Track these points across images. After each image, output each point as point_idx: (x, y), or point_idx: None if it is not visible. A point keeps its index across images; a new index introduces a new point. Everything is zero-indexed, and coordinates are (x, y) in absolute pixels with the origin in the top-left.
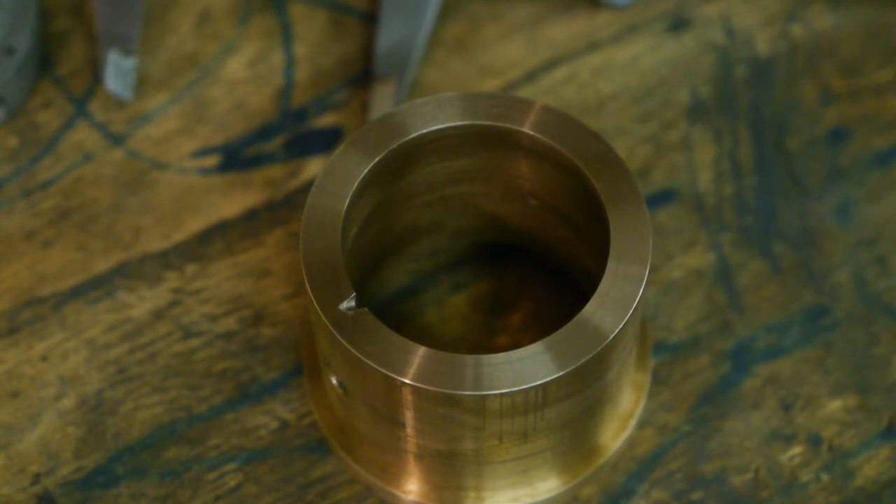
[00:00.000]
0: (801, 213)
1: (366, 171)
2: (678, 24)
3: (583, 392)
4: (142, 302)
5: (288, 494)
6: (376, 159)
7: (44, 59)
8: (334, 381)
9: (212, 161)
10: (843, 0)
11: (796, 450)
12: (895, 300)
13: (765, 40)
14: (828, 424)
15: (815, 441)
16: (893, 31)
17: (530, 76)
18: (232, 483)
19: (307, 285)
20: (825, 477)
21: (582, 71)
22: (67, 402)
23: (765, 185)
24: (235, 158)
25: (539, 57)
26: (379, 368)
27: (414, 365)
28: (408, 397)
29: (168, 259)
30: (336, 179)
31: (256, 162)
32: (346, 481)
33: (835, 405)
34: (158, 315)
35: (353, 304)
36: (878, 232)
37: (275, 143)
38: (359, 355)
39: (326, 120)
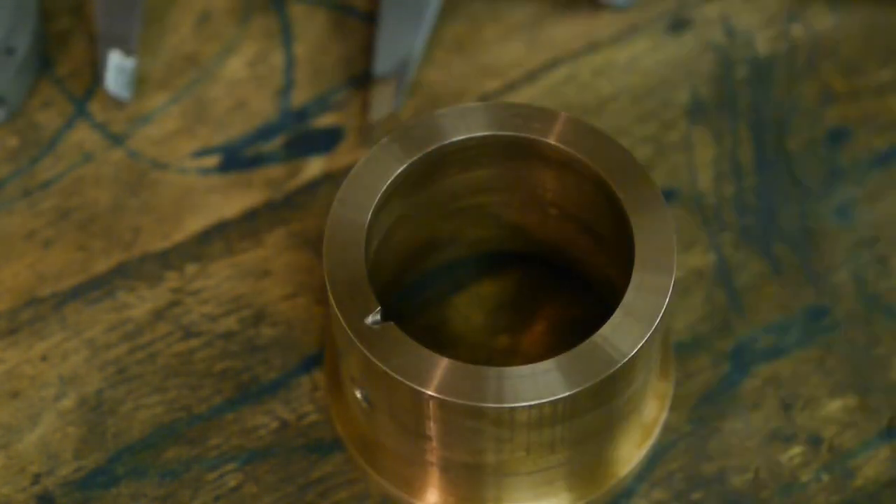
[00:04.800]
0: (801, 213)
1: (388, 182)
2: (678, 24)
3: (608, 403)
4: (142, 302)
5: (288, 494)
6: (398, 171)
7: (44, 59)
8: (359, 395)
9: (212, 161)
10: (843, 0)
11: (796, 450)
12: (895, 300)
13: (765, 40)
14: (828, 424)
15: (815, 441)
16: (893, 31)
17: (530, 76)
18: (232, 483)
19: (331, 300)
20: (825, 477)
21: (582, 71)
22: (67, 402)
23: (765, 185)
24: (235, 158)
25: (539, 57)
26: (406, 382)
27: (441, 378)
28: (434, 410)
29: (168, 259)
30: (358, 192)
31: (256, 162)
32: (346, 481)
33: (835, 405)
34: (158, 315)
35: (378, 317)
36: (878, 232)
37: (275, 143)
38: (386, 369)
39: (326, 120)
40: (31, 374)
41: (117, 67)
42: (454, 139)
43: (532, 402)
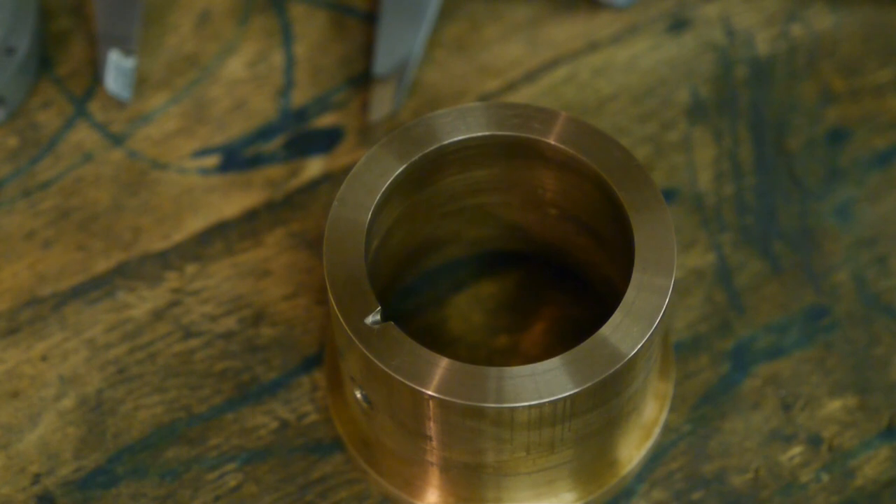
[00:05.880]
0: (801, 213)
1: (388, 182)
2: (678, 24)
3: (608, 403)
4: (142, 302)
5: (288, 494)
6: (399, 171)
7: (44, 59)
8: (359, 395)
9: (212, 161)
10: (843, 0)
11: (796, 450)
12: (895, 300)
13: (765, 40)
14: (828, 424)
15: (815, 441)
16: (893, 31)
17: (530, 76)
18: (232, 483)
19: (331, 300)
20: (825, 477)
21: (582, 71)
22: (67, 402)
23: (765, 185)
24: (235, 158)
25: (539, 57)
26: (406, 382)
27: (441, 378)
28: (435, 410)
29: (168, 259)
30: (358, 191)
31: (256, 162)
32: (346, 481)
33: (835, 405)
34: (158, 315)
35: (378, 317)
36: (878, 232)
37: (275, 143)
38: (386, 369)
39: (326, 120)
40: (31, 374)
41: (117, 67)
42: (454, 139)
43: (532, 402)
